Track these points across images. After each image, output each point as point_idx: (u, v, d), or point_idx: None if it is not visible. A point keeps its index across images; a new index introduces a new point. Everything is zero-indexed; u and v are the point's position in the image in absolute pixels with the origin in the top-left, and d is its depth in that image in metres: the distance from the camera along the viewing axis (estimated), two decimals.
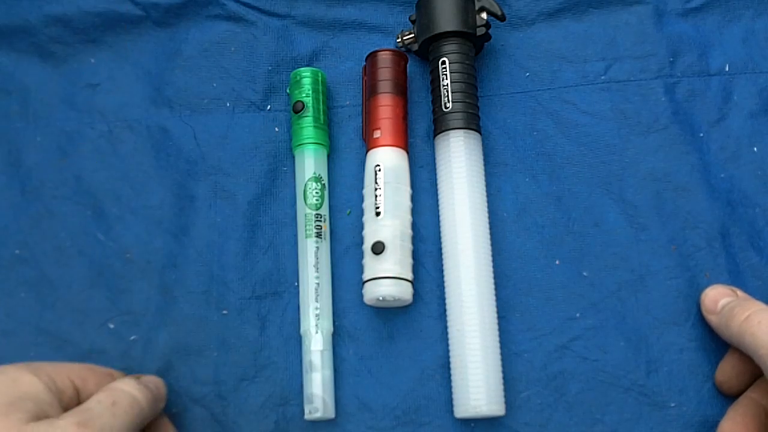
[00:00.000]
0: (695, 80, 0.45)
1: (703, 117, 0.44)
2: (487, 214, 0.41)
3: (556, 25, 0.46)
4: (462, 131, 0.41)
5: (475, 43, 0.44)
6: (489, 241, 0.41)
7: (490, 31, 0.44)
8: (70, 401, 0.34)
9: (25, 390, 0.32)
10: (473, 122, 0.42)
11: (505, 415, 0.38)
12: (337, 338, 0.41)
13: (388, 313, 0.41)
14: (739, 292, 0.39)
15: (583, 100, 0.44)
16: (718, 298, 0.39)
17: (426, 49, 0.44)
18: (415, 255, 0.42)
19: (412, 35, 0.45)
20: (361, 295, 0.40)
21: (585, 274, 0.41)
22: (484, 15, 0.43)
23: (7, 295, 0.42)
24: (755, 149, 0.43)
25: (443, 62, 0.42)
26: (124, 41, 0.46)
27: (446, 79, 0.42)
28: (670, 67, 0.45)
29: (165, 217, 0.44)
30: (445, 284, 0.40)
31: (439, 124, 0.42)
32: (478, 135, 0.42)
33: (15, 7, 0.46)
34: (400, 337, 0.41)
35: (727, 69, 0.45)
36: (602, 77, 0.45)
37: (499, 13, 0.43)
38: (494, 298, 0.40)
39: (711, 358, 0.40)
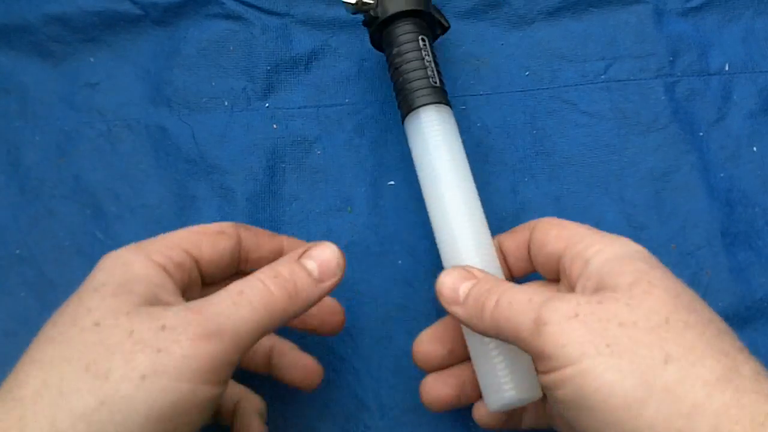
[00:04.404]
0: (695, 80, 0.45)
1: (703, 116, 0.44)
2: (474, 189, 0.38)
3: (555, 24, 0.46)
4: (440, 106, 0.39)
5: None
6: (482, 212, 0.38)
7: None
8: (190, 272, 0.32)
9: (137, 272, 0.30)
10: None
11: None
12: (337, 338, 0.41)
13: (387, 312, 0.41)
14: (477, 272, 0.34)
15: (582, 99, 0.44)
16: (456, 284, 0.33)
17: (385, 22, 0.40)
18: (415, 253, 0.42)
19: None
20: (361, 295, 0.41)
21: None
22: None
23: (7, 295, 0.42)
24: (755, 149, 0.43)
25: (423, 40, 0.39)
26: (123, 40, 0.46)
27: (428, 58, 0.39)
28: (670, 67, 0.45)
29: (164, 216, 0.44)
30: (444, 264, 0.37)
31: (424, 98, 0.38)
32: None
33: (14, 6, 0.46)
34: (400, 337, 0.41)
35: (726, 68, 0.45)
36: (602, 76, 0.45)
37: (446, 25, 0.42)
38: (499, 267, 0.36)
39: None
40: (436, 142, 0.37)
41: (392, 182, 0.44)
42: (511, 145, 0.44)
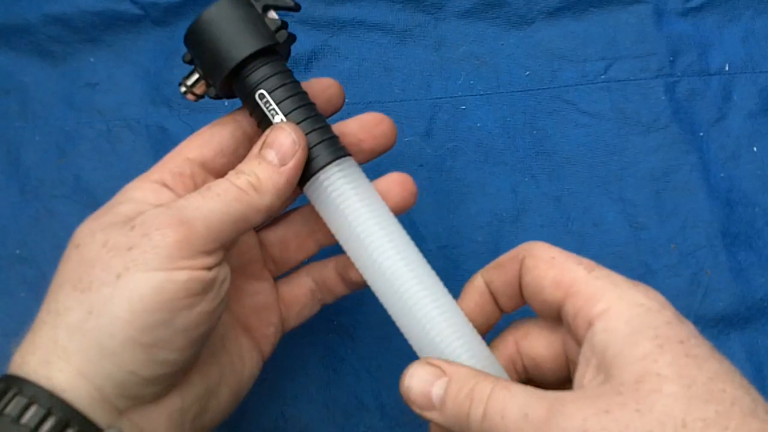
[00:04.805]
0: (695, 80, 0.45)
1: (703, 116, 0.44)
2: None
3: (556, 24, 0.46)
4: (342, 162, 0.32)
5: (282, 53, 0.34)
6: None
7: None
8: (193, 176, 0.32)
9: (128, 196, 0.31)
10: (341, 147, 0.33)
11: None
12: (337, 338, 0.41)
13: (387, 313, 0.41)
14: (445, 365, 0.29)
15: (582, 99, 0.44)
16: (426, 388, 0.29)
17: (229, 89, 0.34)
18: None
19: (199, 78, 0.33)
20: (360, 295, 0.40)
21: None
22: (273, 14, 0.33)
23: (7, 295, 0.42)
24: (755, 149, 0.43)
25: (261, 96, 0.32)
26: (123, 40, 0.46)
27: (277, 114, 0.32)
28: (670, 67, 0.45)
29: None
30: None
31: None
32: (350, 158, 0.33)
33: (14, 6, 0.46)
34: (400, 337, 0.41)
35: (726, 68, 0.45)
36: (602, 76, 0.45)
37: (291, 4, 0.34)
38: (474, 330, 0.32)
39: None
40: (354, 216, 0.32)
41: None
42: (511, 145, 0.44)
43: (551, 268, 0.29)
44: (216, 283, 0.29)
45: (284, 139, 0.31)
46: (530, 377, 0.32)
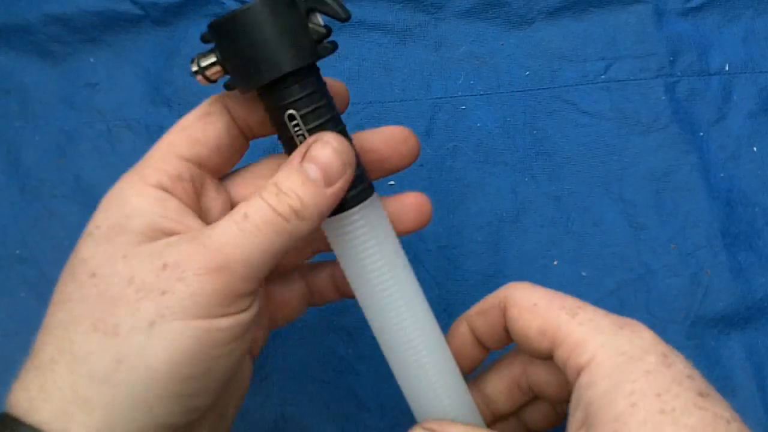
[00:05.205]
0: (695, 80, 0.45)
1: (703, 116, 0.44)
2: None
3: (556, 23, 0.46)
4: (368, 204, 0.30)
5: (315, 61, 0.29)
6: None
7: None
8: (192, 179, 0.29)
9: (133, 205, 0.27)
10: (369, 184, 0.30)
11: None
12: (337, 338, 0.41)
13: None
14: (437, 427, 0.29)
15: (582, 99, 0.44)
16: None
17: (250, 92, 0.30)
18: (416, 254, 0.42)
19: (216, 63, 0.29)
20: None
21: (584, 273, 0.41)
22: (318, 19, 0.29)
23: (7, 295, 0.42)
24: (755, 149, 0.43)
25: (291, 117, 0.28)
26: (123, 40, 0.46)
27: (306, 140, 0.28)
28: (670, 67, 0.45)
29: None
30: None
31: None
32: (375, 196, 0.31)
33: (14, 6, 0.46)
34: None
35: (726, 68, 0.45)
36: (602, 76, 0.45)
37: (341, 14, 0.29)
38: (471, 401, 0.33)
39: (710, 357, 0.40)
40: (372, 266, 0.30)
41: (392, 182, 0.44)
42: (511, 145, 0.44)
43: (535, 317, 0.29)
44: (253, 321, 0.27)
45: (330, 157, 0.27)
46: (537, 396, 0.33)
